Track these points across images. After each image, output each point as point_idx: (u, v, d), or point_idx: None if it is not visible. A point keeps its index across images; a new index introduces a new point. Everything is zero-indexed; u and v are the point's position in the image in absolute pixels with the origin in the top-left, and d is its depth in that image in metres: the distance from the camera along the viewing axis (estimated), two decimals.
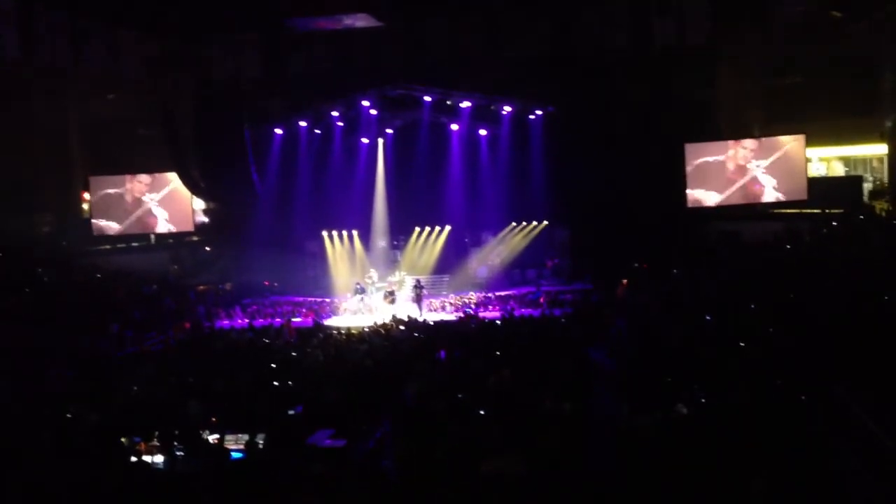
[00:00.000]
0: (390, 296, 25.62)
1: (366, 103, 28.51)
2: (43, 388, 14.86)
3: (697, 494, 6.37)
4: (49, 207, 31.45)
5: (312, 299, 27.69)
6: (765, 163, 26.69)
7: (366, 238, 30.06)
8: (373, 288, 26.62)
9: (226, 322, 25.04)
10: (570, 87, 26.31)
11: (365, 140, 29.94)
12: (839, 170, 29.38)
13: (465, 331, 19.41)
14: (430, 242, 29.80)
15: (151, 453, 9.46)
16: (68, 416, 11.37)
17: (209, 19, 27.63)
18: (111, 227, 30.95)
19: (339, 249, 29.68)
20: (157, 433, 9.70)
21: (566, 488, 6.94)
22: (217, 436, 9.93)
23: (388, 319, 21.93)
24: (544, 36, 27.65)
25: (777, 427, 7.68)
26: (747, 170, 26.88)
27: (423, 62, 28.10)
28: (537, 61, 27.11)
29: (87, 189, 31.73)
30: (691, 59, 26.39)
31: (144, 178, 30.85)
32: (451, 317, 23.77)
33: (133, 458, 9.21)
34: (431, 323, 21.44)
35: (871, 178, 28.14)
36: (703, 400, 9.47)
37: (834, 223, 23.16)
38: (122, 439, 9.75)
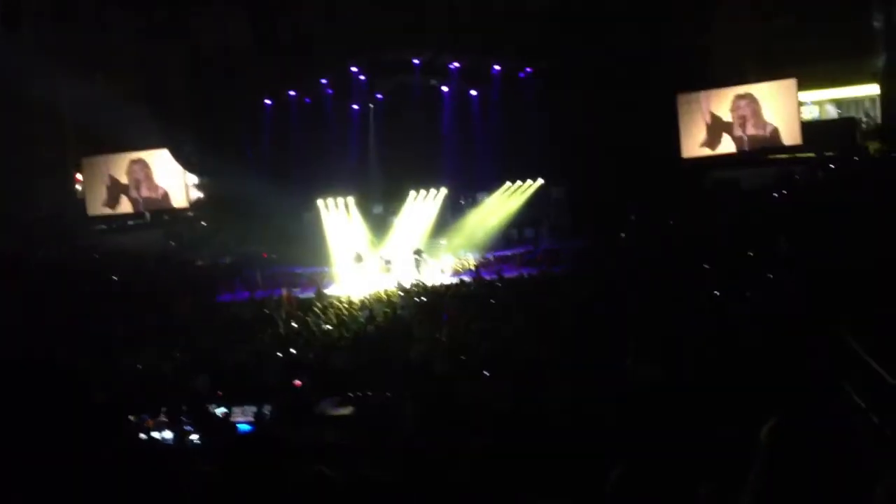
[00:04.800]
0: (387, 264, 25.67)
1: (355, 69, 28.35)
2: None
3: (707, 441, 6.39)
4: (44, 189, 31.27)
5: (312, 269, 27.62)
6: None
7: (361, 205, 29.94)
8: (373, 255, 26.65)
9: (227, 295, 25.05)
10: (562, 41, 25.96)
11: (355, 106, 29.77)
12: (832, 112, 29.22)
13: (466, 292, 19.45)
14: (425, 206, 29.65)
15: (160, 429, 9.50)
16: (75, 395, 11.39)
17: None
18: (105, 209, 30.94)
19: (335, 217, 29.54)
20: (164, 409, 9.74)
21: (572, 440, 6.97)
22: (224, 409, 9.98)
23: (388, 286, 21.95)
24: None
25: (784, 369, 7.71)
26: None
27: (412, 23, 27.77)
28: (528, 15, 26.75)
29: (79, 170, 31.57)
30: (685, 4, 26.12)
31: (132, 160, 30.81)
32: (452, 280, 23.74)
33: (142, 436, 9.24)
34: (432, 286, 21.44)
35: (864, 119, 28.00)
36: (706, 346, 9.50)
37: (831, 165, 23.12)
38: (131, 417, 9.78)
